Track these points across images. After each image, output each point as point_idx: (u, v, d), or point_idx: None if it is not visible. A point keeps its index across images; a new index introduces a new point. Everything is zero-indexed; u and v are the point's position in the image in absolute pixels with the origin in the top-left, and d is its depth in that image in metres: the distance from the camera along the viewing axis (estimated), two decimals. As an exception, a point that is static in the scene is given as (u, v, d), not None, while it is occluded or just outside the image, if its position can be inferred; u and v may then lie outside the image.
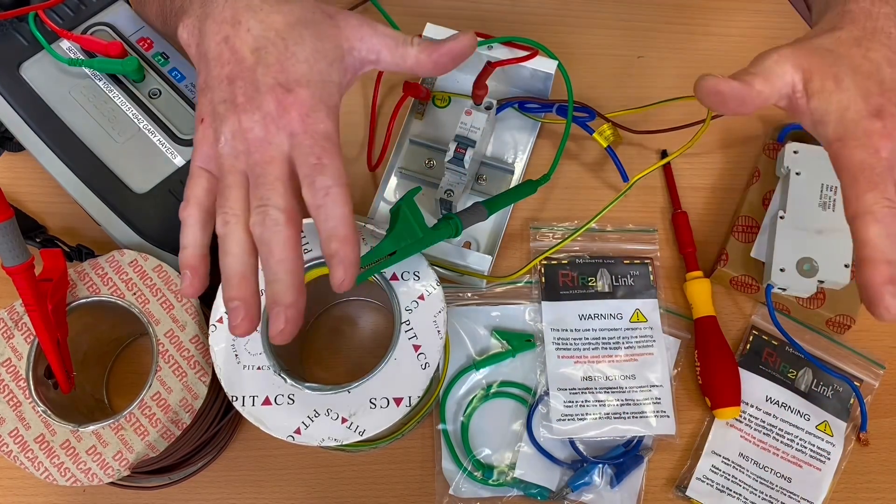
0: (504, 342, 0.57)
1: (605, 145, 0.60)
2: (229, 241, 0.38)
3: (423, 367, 0.45)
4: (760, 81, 0.41)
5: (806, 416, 0.56)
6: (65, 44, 0.56)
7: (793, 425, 0.56)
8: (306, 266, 0.48)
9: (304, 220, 0.49)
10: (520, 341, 0.57)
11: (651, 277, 0.59)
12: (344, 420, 0.44)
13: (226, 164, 0.39)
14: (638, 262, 0.60)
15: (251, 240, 0.38)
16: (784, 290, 0.56)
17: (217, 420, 0.51)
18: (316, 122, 0.38)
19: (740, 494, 0.54)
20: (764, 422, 0.56)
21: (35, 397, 0.47)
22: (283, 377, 0.45)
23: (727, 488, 0.54)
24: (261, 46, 0.39)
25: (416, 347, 0.46)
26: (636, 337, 0.57)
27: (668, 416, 0.55)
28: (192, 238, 0.40)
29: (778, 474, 0.55)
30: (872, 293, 0.36)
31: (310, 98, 0.38)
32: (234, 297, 0.38)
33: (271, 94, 0.38)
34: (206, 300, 0.50)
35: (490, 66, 0.56)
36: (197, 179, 0.40)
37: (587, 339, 0.57)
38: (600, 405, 0.55)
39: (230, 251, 0.38)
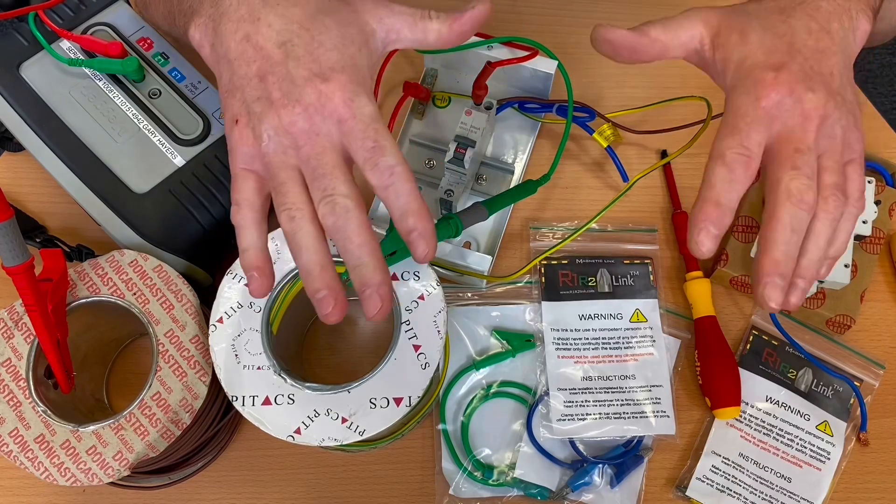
0: (504, 342, 0.57)
1: (605, 145, 0.60)
2: (300, 235, 0.38)
3: (423, 367, 0.45)
4: (659, 30, 0.43)
5: (806, 416, 0.56)
6: (65, 44, 0.56)
7: (793, 425, 0.56)
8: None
9: (304, 220, 0.49)
10: (520, 341, 0.57)
11: (651, 277, 0.59)
12: (344, 420, 0.44)
13: (274, 161, 0.39)
14: (638, 262, 0.60)
15: (320, 231, 0.38)
16: (784, 290, 0.56)
17: (217, 420, 0.51)
18: (361, 106, 0.39)
19: (740, 494, 0.54)
20: (764, 422, 0.56)
21: (35, 397, 0.47)
22: (283, 377, 0.45)
23: (727, 488, 0.54)
24: (286, 40, 0.39)
25: (416, 347, 0.46)
26: (636, 337, 0.57)
27: (668, 416, 0.55)
28: (250, 240, 0.40)
29: (778, 474, 0.55)
30: (694, 226, 0.38)
31: (349, 83, 0.39)
32: (320, 288, 0.38)
33: (310, 86, 0.38)
34: (206, 300, 0.50)
35: (490, 66, 0.56)
36: (243, 182, 0.40)
37: (587, 339, 0.57)
38: (600, 405, 0.55)
39: (304, 245, 0.38)
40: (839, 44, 0.41)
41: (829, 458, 0.55)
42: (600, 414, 0.55)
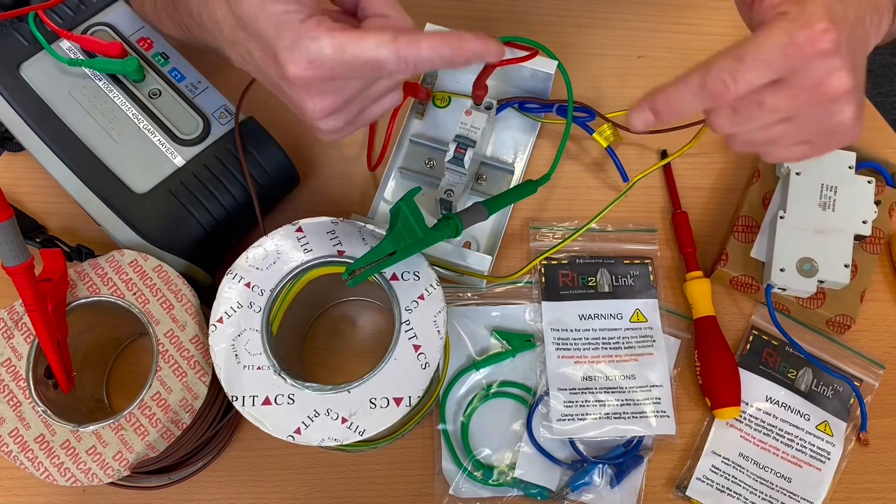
0: (504, 342, 0.57)
1: (605, 145, 0.60)
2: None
3: (423, 367, 0.45)
4: None
5: (806, 416, 0.56)
6: (65, 44, 0.56)
7: (793, 425, 0.56)
8: (307, 266, 0.48)
9: (305, 221, 0.49)
10: (520, 341, 0.57)
11: (651, 277, 0.59)
12: (344, 420, 0.44)
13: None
14: (638, 262, 0.60)
15: None
16: (784, 290, 0.56)
17: (217, 420, 0.51)
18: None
19: (740, 494, 0.54)
20: (764, 422, 0.56)
21: (35, 397, 0.47)
22: (283, 377, 0.45)
23: (727, 488, 0.54)
24: None
25: (416, 347, 0.46)
26: (636, 337, 0.57)
27: (668, 416, 0.55)
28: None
29: (778, 474, 0.55)
30: (639, 104, 0.38)
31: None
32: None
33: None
34: (206, 300, 0.50)
35: (490, 66, 0.56)
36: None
37: (587, 339, 0.57)
38: (600, 405, 0.55)
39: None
40: (867, 37, 0.39)
41: (829, 458, 0.55)
42: (600, 414, 0.55)
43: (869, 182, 0.58)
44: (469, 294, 0.59)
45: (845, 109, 0.37)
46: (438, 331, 0.46)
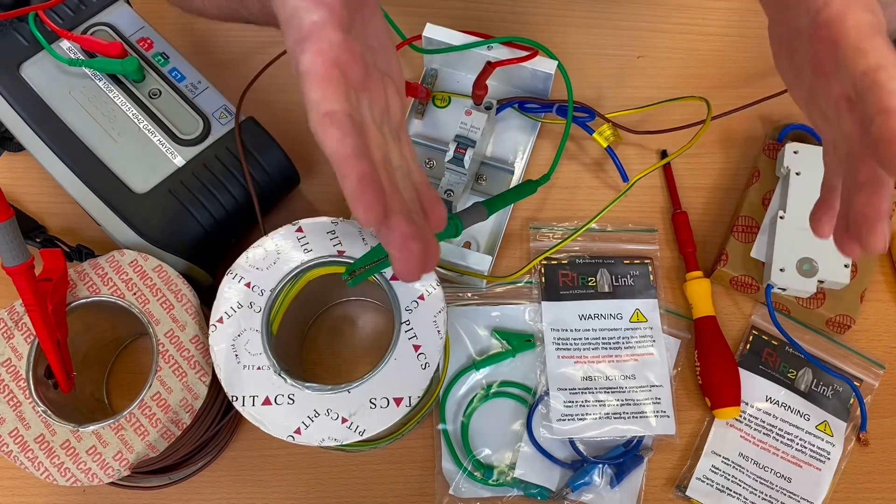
0: (504, 342, 0.57)
1: (605, 145, 0.60)
2: None
3: (423, 367, 0.45)
4: None
5: (806, 416, 0.56)
6: (65, 44, 0.56)
7: (793, 425, 0.56)
8: (307, 266, 0.48)
9: (305, 221, 0.49)
10: (520, 341, 0.57)
11: (651, 277, 0.59)
12: (344, 420, 0.44)
13: None
14: (638, 262, 0.60)
15: None
16: (784, 290, 0.56)
17: (217, 420, 0.51)
18: None
19: (740, 494, 0.54)
20: (764, 422, 0.56)
21: (35, 397, 0.47)
22: (283, 377, 0.45)
23: (727, 488, 0.54)
24: None
25: (416, 347, 0.46)
26: (636, 337, 0.57)
27: (668, 416, 0.55)
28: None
29: (778, 474, 0.55)
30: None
31: None
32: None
33: None
34: (206, 300, 0.50)
35: (490, 66, 0.56)
36: None
37: (587, 339, 0.57)
38: (600, 405, 0.55)
39: None
40: None
41: (828, 458, 0.55)
42: (600, 414, 0.55)
43: (869, 182, 0.58)
44: (469, 294, 0.59)
45: None
46: (438, 331, 0.46)
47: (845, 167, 0.37)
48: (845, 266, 0.55)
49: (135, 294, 0.49)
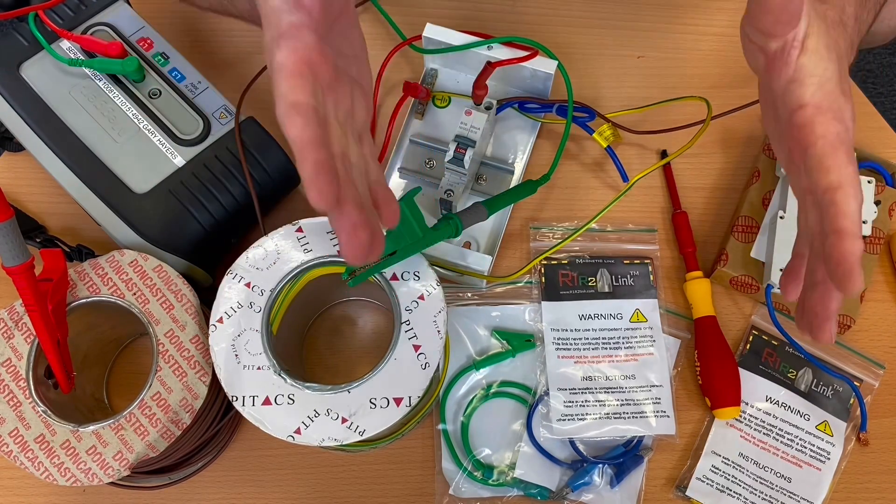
0: (504, 342, 0.57)
1: (605, 145, 0.60)
2: None
3: (423, 367, 0.45)
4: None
5: (806, 416, 0.56)
6: (65, 44, 0.56)
7: (793, 425, 0.56)
8: (307, 266, 0.48)
9: (305, 221, 0.49)
10: (520, 341, 0.57)
11: (651, 277, 0.59)
12: (344, 420, 0.44)
13: None
14: (638, 262, 0.60)
15: None
16: (784, 290, 0.56)
17: (217, 420, 0.51)
18: None
19: (740, 494, 0.54)
20: (764, 422, 0.56)
21: (35, 397, 0.47)
22: (283, 377, 0.45)
23: (727, 488, 0.54)
24: None
25: (416, 347, 0.46)
26: (636, 337, 0.57)
27: (668, 416, 0.55)
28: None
29: (778, 474, 0.55)
30: (851, 264, 0.36)
31: None
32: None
33: None
34: (206, 300, 0.50)
35: (490, 66, 0.56)
36: None
37: (587, 339, 0.57)
38: (600, 405, 0.55)
39: None
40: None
41: (828, 458, 0.55)
42: (600, 414, 0.55)
43: (869, 182, 0.58)
44: (469, 294, 0.59)
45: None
46: (438, 331, 0.46)
47: (809, 250, 0.41)
48: (845, 266, 0.55)
49: (135, 294, 0.49)
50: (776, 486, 0.54)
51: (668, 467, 0.56)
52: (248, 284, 0.47)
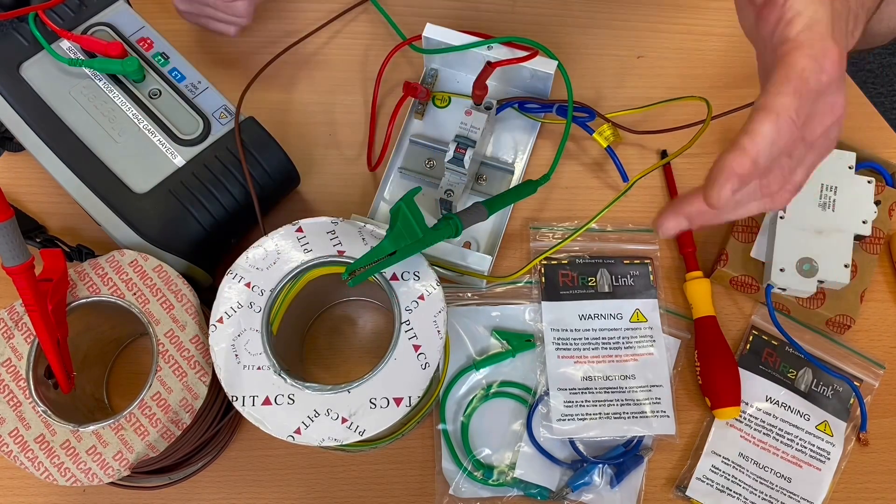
0: (504, 342, 0.57)
1: (605, 145, 0.60)
2: None
3: (423, 367, 0.45)
4: None
5: (806, 416, 0.56)
6: (65, 44, 0.56)
7: (793, 425, 0.56)
8: (307, 266, 0.48)
9: (305, 221, 0.49)
10: (520, 341, 0.57)
11: (651, 277, 0.59)
12: (344, 420, 0.44)
13: None
14: (638, 262, 0.60)
15: None
16: (784, 290, 0.56)
17: (217, 420, 0.51)
18: None
19: (740, 494, 0.54)
20: (764, 422, 0.56)
21: (35, 397, 0.47)
22: (283, 377, 0.45)
23: (727, 488, 0.54)
24: None
25: (416, 347, 0.46)
26: (636, 337, 0.57)
27: (668, 416, 0.55)
28: None
29: (778, 474, 0.55)
30: (719, 176, 0.36)
31: None
32: None
33: None
34: (206, 300, 0.50)
35: (490, 66, 0.56)
36: None
37: (587, 339, 0.57)
38: (600, 405, 0.55)
39: None
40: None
41: (828, 458, 0.55)
42: (600, 414, 0.55)
43: (869, 182, 0.58)
44: (469, 294, 0.59)
45: (838, 126, 0.39)
46: (438, 331, 0.46)
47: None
48: (845, 266, 0.55)
49: (135, 294, 0.49)
50: (776, 486, 0.54)
51: (668, 467, 0.56)
52: (248, 284, 0.47)
